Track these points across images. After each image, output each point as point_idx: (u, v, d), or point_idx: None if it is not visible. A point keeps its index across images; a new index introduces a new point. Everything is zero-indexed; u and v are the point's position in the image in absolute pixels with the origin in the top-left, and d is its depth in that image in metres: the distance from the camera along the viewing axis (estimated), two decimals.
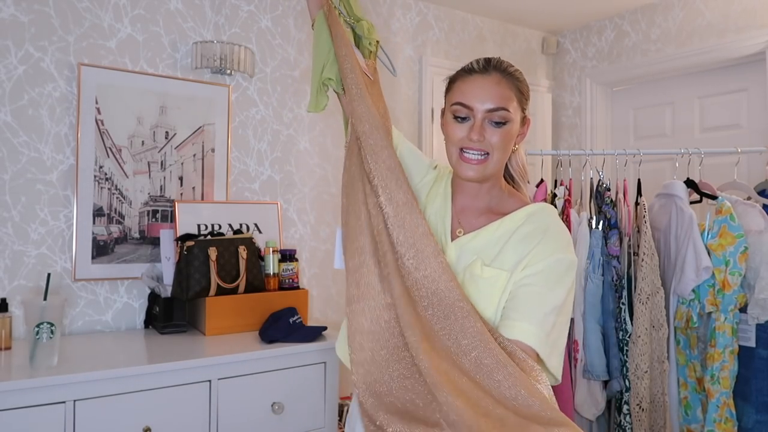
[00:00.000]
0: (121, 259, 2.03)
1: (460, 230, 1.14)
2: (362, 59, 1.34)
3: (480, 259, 1.08)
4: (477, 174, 1.09)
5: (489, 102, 1.08)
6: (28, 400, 1.38)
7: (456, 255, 1.11)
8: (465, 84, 1.12)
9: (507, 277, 1.06)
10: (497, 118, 1.08)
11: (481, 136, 1.07)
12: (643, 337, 1.68)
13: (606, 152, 1.97)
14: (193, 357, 1.61)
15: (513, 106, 1.11)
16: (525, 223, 1.10)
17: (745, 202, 1.79)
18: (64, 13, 1.96)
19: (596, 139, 3.18)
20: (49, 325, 1.48)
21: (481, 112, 1.08)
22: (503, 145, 1.10)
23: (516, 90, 1.14)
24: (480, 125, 1.08)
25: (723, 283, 1.70)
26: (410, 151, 1.28)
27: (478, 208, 1.16)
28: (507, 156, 1.14)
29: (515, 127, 1.13)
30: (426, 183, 1.23)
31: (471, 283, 1.07)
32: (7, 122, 1.87)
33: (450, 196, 1.19)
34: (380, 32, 2.72)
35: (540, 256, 1.05)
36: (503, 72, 1.13)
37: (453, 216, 1.16)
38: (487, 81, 1.10)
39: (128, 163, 2.05)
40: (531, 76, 3.30)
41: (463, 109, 1.09)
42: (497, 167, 1.11)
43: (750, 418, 1.73)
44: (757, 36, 2.50)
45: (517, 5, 2.95)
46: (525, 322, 1.01)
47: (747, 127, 2.66)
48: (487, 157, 1.09)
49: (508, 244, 1.08)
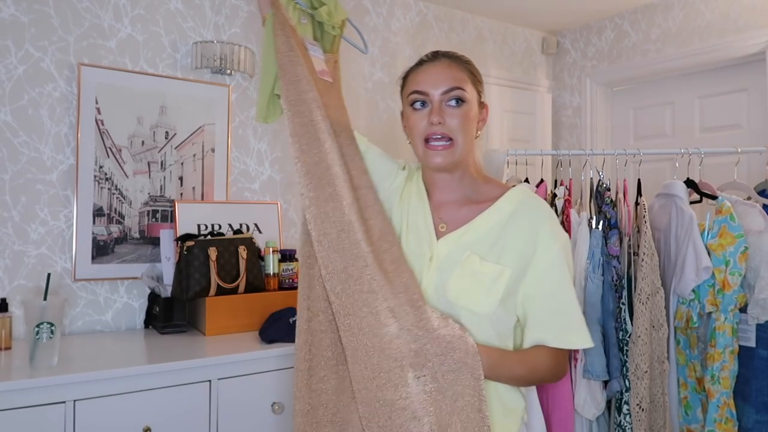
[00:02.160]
0: (121, 259, 2.03)
1: (442, 225, 1.14)
2: (321, 57, 1.29)
3: (475, 254, 1.08)
4: (445, 160, 1.10)
5: (443, 84, 1.10)
6: (28, 400, 1.38)
7: (447, 251, 1.10)
8: (417, 74, 1.14)
9: (510, 274, 1.06)
10: (454, 96, 1.10)
11: (442, 118, 1.08)
12: (643, 337, 1.68)
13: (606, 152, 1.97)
14: (193, 357, 1.61)
15: (467, 86, 1.12)
16: (516, 214, 1.10)
17: (745, 202, 1.79)
18: (64, 13, 1.96)
19: (596, 139, 3.18)
20: (49, 325, 1.48)
21: (437, 95, 1.10)
22: (464, 127, 1.10)
23: (468, 72, 1.15)
24: (438, 107, 1.09)
25: (723, 283, 1.70)
26: (379, 155, 1.26)
27: (457, 200, 1.16)
28: (471, 140, 1.14)
29: (474, 109, 1.13)
30: (398, 186, 1.22)
31: (470, 279, 1.06)
32: (7, 122, 1.87)
33: (425, 192, 1.18)
34: (380, 32, 2.72)
35: (546, 252, 1.06)
36: (452, 57, 1.16)
37: (432, 212, 1.15)
38: (438, 66, 1.13)
39: (128, 163, 2.05)
40: (531, 76, 3.30)
41: (420, 96, 1.11)
42: (464, 152, 1.11)
43: (750, 418, 1.73)
44: (757, 36, 2.50)
45: (517, 5, 2.95)
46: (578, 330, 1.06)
47: (747, 127, 2.65)
48: (451, 143, 1.09)
49: (503, 237, 1.08)
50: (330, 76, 1.28)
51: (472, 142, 1.14)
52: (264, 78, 1.23)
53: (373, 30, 2.70)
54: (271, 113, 1.26)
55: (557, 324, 1.06)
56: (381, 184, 1.22)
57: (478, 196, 1.15)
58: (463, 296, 1.06)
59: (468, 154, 1.13)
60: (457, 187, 1.16)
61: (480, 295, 1.05)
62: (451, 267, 1.08)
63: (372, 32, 2.69)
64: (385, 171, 1.24)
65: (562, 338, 1.06)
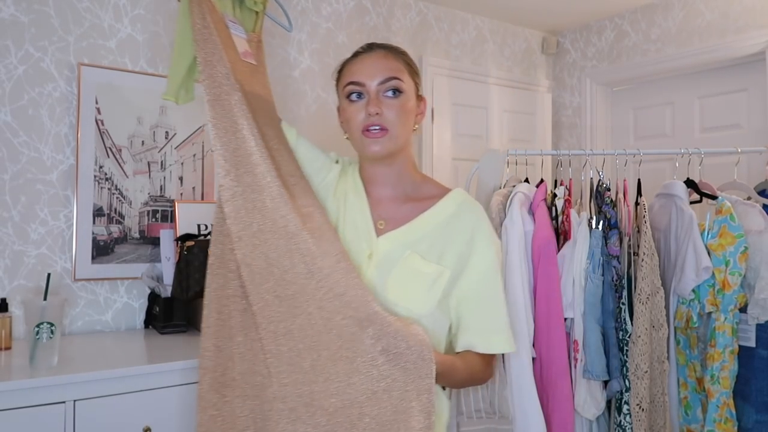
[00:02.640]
0: (121, 259, 2.03)
1: (381, 222, 1.11)
2: (243, 36, 1.21)
3: (415, 253, 1.07)
4: (382, 148, 1.07)
5: (379, 75, 1.08)
6: (28, 400, 1.38)
7: (386, 249, 1.08)
8: (353, 65, 1.12)
9: (449, 275, 1.06)
10: (390, 87, 1.08)
11: (379, 108, 1.06)
12: (643, 337, 1.68)
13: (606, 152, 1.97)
14: (193, 357, 1.60)
15: (404, 76, 1.11)
16: (457, 215, 1.10)
17: (745, 202, 1.79)
18: (64, 13, 1.96)
19: (596, 139, 3.18)
20: (49, 325, 1.48)
21: (374, 86, 1.08)
22: (402, 118, 1.09)
23: (404, 63, 1.13)
24: (375, 98, 1.07)
25: (723, 283, 1.70)
26: (309, 148, 1.21)
27: (397, 197, 1.14)
28: (408, 132, 1.12)
29: (411, 101, 1.12)
30: (331, 180, 1.18)
31: (410, 278, 1.06)
32: (7, 122, 1.87)
33: (362, 188, 1.16)
34: (380, 32, 2.72)
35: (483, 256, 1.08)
36: (387, 48, 1.13)
37: (371, 208, 1.13)
38: (373, 57, 1.11)
39: (128, 163, 2.05)
40: (531, 76, 3.30)
41: (356, 87, 1.09)
42: (400, 142, 1.10)
43: (750, 418, 1.73)
44: (757, 36, 2.50)
45: (517, 5, 2.95)
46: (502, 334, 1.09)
47: (747, 127, 2.65)
48: (387, 132, 1.07)
49: (443, 238, 1.08)
50: (254, 58, 1.22)
51: (409, 134, 1.13)
52: (178, 56, 1.14)
53: (373, 30, 2.70)
54: (183, 95, 1.18)
55: (487, 328, 1.08)
56: (312, 179, 1.18)
57: (418, 194, 1.14)
58: (403, 295, 1.05)
59: (405, 145, 1.12)
60: (397, 183, 1.14)
61: (419, 294, 1.05)
62: (391, 265, 1.07)
63: (372, 32, 2.69)
64: (317, 165, 1.19)
65: (488, 343, 1.08)
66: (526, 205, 1.74)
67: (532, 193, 1.78)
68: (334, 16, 2.59)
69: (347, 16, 2.63)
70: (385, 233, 1.10)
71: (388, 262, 1.07)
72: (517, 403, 1.60)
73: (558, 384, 1.63)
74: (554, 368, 1.63)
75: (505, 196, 1.77)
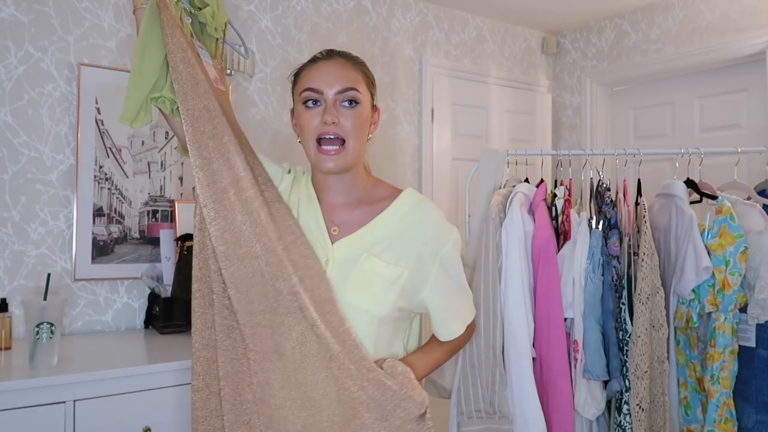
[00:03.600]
0: (121, 259, 2.03)
1: (335, 229, 1.12)
2: (210, 62, 1.21)
3: (372, 255, 1.08)
4: (337, 164, 1.08)
5: (337, 84, 1.08)
6: (28, 400, 1.38)
7: (342, 254, 1.09)
8: (311, 71, 1.12)
9: (407, 276, 1.08)
10: (348, 97, 1.08)
11: (336, 118, 1.06)
12: (643, 337, 1.68)
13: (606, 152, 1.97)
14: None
15: (362, 87, 1.11)
16: (412, 216, 1.12)
17: (745, 202, 1.79)
18: (64, 13, 1.96)
19: (596, 139, 3.18)
20: (49, 325, 1.48)
21: (331, 94, 1.08)
22: (357, 129, 1.09)
23: (362, 73, 1.13)
24: (332, 106, 1.08)
25: (723, 283, 1.70)
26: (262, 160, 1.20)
27: (349, 202, 1.14)
28: (363, 144, 1.13)
29: (366, 111, 1.12)
30: (284, 190, 1.17)
31: (368, 281, 1.07)
32: (7, 122, 1.87)
33: (314, 196, 1.16)
34: (380, 32, 2.72)
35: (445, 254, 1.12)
36: (347, 57, 1.14)
37: (324, 215, 1.13)
38: (333, 65, 1.11)
39: (128, 163, 2.05)
40: (531, 76, 3.30)
41: (313, 94, 1.09)
42: (355, 155, 1.10)
43: (750, 418, 1.73)
44: (757, 36, 2.50)
45: (517, 5, 2.95)
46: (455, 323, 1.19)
47: (747, 127, 2.65)
48: (344, 145, 1.08)
49: (400, 238, 1.10)
50: (222, 84, 1.22)
51: (363, 145, 1.13)
52: (138, 77, 1.09)
53: (373, 30, 2.70)
54: (142, 118, 1.14)
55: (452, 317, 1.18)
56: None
57: (370, 197, 1.15)
58: (362, 298, 1.06)
59: (360, 156, 1.13)
60: (349, 190, 1.15)
61: (378, 296, 1.06)
62: (348, 269, 1.07)
63: (372, 32, 2.69)
64: (270, 175, 1.19)
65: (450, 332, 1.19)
66: (526, 205, 1.74)
67: (532, 193, 1.78)
68: (334, 16, 2.59)
69: (347, 16, 2.63)
70: (340, 239, 1.11)
71: (346, 266, 1.08)
72: (517, 403, 1.60)
73: (558, 384, 1.63)
74: (554, 368, 1.63)
75: (505, 196, 1.77)
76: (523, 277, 1.63)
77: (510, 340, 1.62)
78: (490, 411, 1.65)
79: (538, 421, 1.58)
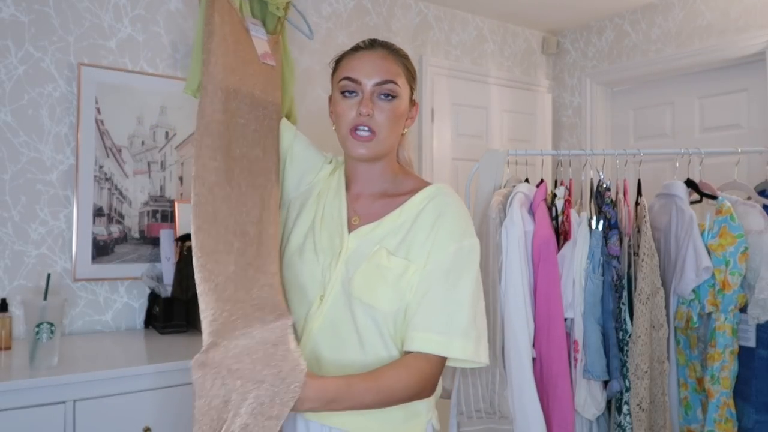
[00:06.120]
0: (121, 259, 2.03)
1: (356, 218, 1.11)
2: (264, 38, 1.23)
3: (383, 248, 1.05)
4: (368, 151, 1.07)
5: (376, 75, 1.07)
6: (28, 400, 1.38)
7: (356, 245, 1.08)
8: (352, 60, 1.10)
9: (415, 270, 1.03)
10: (386, 90, 1.07)
11: (371, 110, 1.05)
12: (643, 337, 1.68)
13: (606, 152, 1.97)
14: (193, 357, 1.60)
15: (401, 81, 1.09)
16: (426, 209, 1.07)
17: (745, 202, 1.79)
18: (64, 13, 1.96)
19: (596, 139, 3.18)
20: (49, 325, 1.48)
21: (370, 85, 1.06)
22: (391, 124, 1.07)
23: (403, 66, 1.11)
24: (369, 98, 1.06)
25: (723, 283, 1.70)
26: (305, 147, 1.23)
27: (373, 193, 1.13)
28: (396, 136, 1.11)
29: (404, 106, 1.10)
30: (320, 180, 1.19)
31: (374, 273, 1.04)
32: (7, 122, 1.87)
33: (343, 185, 1.16)
34: (380, 32, 2.72)
35: (439, 250, 1.03)
36: (389, 49, 1.12)
37: (348, 205, 1.13)
38: (374, 55, 1.09)
39: (128, 163, 2.05)
40: (531, 76, 3.30)
41: (351, 84, 1.07)
42: (386, 145, 1.09)
43: (750, 418, 1.73)
44: (757, 36, 2.50)
45: (517, 5, 2.95)
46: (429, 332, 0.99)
47: (747, 127, 2.65)
48: (374, 135, 1.06)
49: (412, 232, 1.06)
50: (273, 59, 1.23)
51: (396, 138, 1.11)
52: (197, 53, 1.16)
53: (374, 30, 2.70)
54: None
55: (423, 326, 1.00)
56: (304, 177, 1.20)
57: (395, 190, 1.13)
58: (366, 291, 1.03)
59: (391, 149, 1.12)
60: (377, 180, 1.14)
61: (383, 291, 1.02)
62: (359, 261, 1.06)
63: (372, 32, 2.69)
64: (310, 164, 1.21)
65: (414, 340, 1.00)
66: (526, 205, 1.74)
67: (532, 193, 1.78)
68: (334, 16, 2.59)
69: (347, 16, 2.63)
70: (356, 229, 1.09)
71: (357, 257, 1.06)
72: (517, 403, 1.60)
73: (558, 384, 1.63)
74: (554, 368, 1.63)
75: (505, 196, 1.77)
76: (523, 277, 1.63)
77: (510, 340, 1.62)
78: (490, 411, 1.65)
79: (538, 421, 1.58)
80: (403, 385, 0.98)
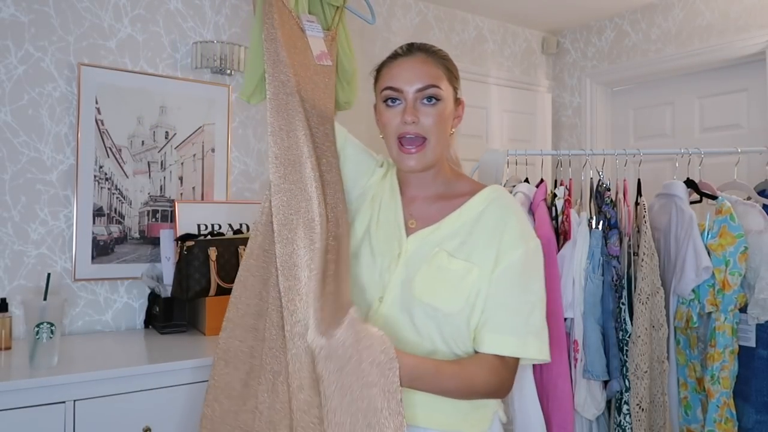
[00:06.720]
0: (121, 259, 2.03)
1: (412, 222, 1.12)
2: (320, 36, 1.22)
3: (443, 250, 1.06)
4: (418, 163, 1.07)
5: (417, 81, 1.07)
6: (28, 400, 1.38)
7: (415, 247, 1.08)
8: (391, 69, 1.10)
9: (479, 273, 1.03)
10: (428, 95, 1.07)
11: (415, 117, 1.05)
12: (643, 337, 1.68)
13: (606, 152, 1.97)
14: (193, 357, 1.61)
15: (443, 83, 1.09)
16: (486, 212, 1.08)
17: (745, 202, 1.79)
18: (64, 13, 1.96)
19: (596, 139, 3.18)
20: (49, 325, 1.48)
21: (412, 92, 1.07)
22: (439, 127, 1.07)
23: (444, 68, 1.11)
24: (412, 106, 1.06)
25: (723, 283, 1.70)
26: (358, 151, 1.22)
27: (429, 196, 1.14)
28: (446, 139, 1.11)
29: (449, 107, 1.10)
30: (373, 183, 1.20)
31: (436, 276, 1.04)
32: (7, 122, 1.87)
33: (398, 188, 1.16)
34: (380, 32, 2.72)
35: (508, 254, 1.04)
36: (428, 52, 1.11)
37: (404, 208, 1.14)
38: (413, 61, 1.09)
39: (128, 163, 2.05)
40: (531, 76, 3.30)
41: (393, 93, 1.08)
42: (436, 153, 1.09)
43: (750, 418, 1.73)
44: (757, 36, 2.50)
45: (517, 5, 2.95)
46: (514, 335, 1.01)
47: (747, 127, 2.65)
48: (424, 143, 1.07)
49: (473, 234, 1.06)
50: (329, 58, 1.22)
51: (446, 141, 1.11)
52: (253, 59, 1.16)
53: (374, 30, 2.70)
54: (257, 96, 1.19)
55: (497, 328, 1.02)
56: (357, 181, 1.20)
57: (450, 192, 1.14)
58: (428, 293, 1.04)
59: (441, 153, 1.12)
60: (431, 184, 1.15)
61: (445, 292, 1.03)
62: (419, 263, 1.06)
63: (372, 32, 2.69)
64: (363, 168, 1.21)
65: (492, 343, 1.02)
66: (526, 205, 1.74)
67: (532, 193, 1.78)
68: None
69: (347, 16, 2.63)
70: (414, 232, 1.10)
71: (417, 260, 1.07)
72: (517, 403, 1.60)
73: (558, 384, 1.63)
74: (554, 368, 1.63)
75: None
76: None
77: None
78: None
79: (538, 421, 1.58)
80: (483, 380, 1.01)
